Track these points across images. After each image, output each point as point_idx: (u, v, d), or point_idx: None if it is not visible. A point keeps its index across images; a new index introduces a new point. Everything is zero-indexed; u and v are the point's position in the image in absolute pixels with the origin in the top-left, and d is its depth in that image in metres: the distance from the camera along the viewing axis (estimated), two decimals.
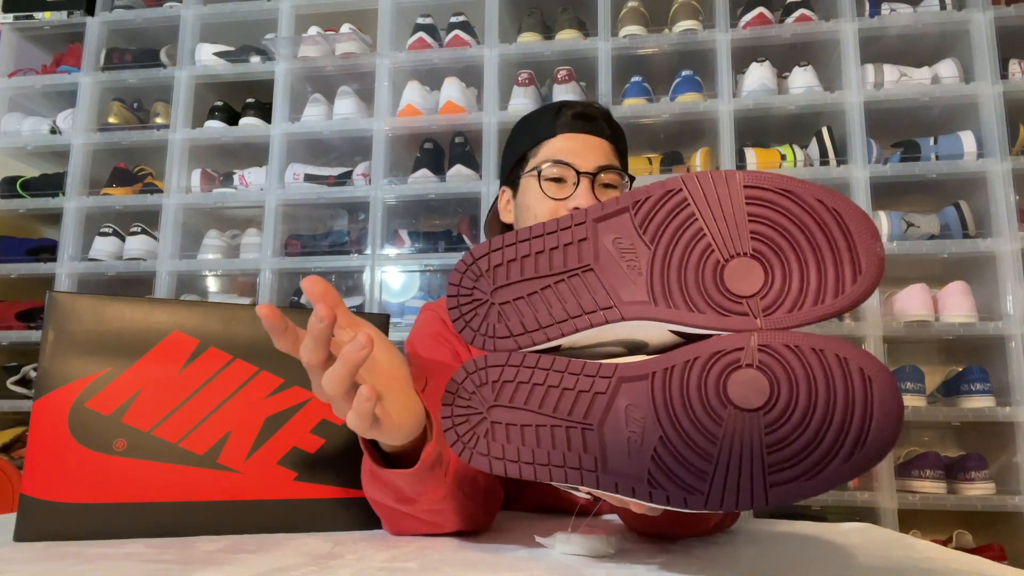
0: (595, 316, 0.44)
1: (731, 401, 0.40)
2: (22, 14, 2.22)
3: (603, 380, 0.43)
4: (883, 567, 0.53)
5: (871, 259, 0.40)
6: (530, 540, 0.59)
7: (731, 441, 0.40)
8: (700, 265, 0.42)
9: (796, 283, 0.41)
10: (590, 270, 0.44)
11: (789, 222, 0.41)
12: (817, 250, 0.41)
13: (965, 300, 1.73)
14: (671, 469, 0.41)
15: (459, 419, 0.47)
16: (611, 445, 0.42)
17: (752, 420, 0.40)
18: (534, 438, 0.44)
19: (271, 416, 0.61)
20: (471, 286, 0.47)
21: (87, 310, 0.58)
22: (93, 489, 0.55)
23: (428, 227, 2.14)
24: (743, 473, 0.39)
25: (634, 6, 1.96)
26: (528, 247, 0.46)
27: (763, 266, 0.42)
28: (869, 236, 0.40)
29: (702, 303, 0.42)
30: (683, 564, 0.50)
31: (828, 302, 0.40)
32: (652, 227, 0.43)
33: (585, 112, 0.91)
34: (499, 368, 0.46)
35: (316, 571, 0.45)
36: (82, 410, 0.56)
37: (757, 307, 0.41)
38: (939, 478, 1.69)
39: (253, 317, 0.63)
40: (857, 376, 0.39)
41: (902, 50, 1.93)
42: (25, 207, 2.12)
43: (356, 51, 2.02)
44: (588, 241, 0.45)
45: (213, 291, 2.18)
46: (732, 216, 0.42)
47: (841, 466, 0.38)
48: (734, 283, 0.42)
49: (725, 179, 0.42)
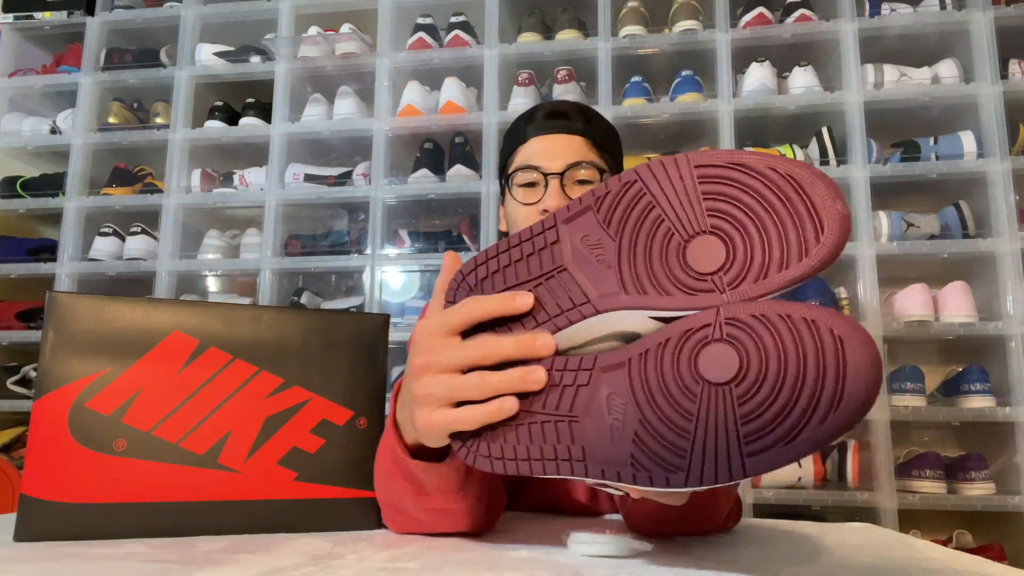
0: (572, 313, 0.45)
1: (703, 377, 0.40)
2: (22, 14, 2.22)
3: (585, 372, 0.44)
4: (883, 567, 0.53)
5: (832, 217, 0.40)
6: (530, 540, 0.59)
7: (706, 416, 0.40)
8: (663, 249, 0.43)
9: (758, 253, 0.41)
10: (564, 270, 0.46)
11: (743, 194, 0.42)
12: (775, 216, 0.41)
13: (965, 300, 1.73)
14: (652, 450, 0.41)
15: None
16: (595, 434, 0.43)
17: (725, 393, 0.40)
18: (527, 435, 0.46)
19: (271, 416, 0.61)
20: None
21: (87, 310, 0.58)
22: (93, 489, 0.56)
23: (428, 227, 2.14)
24: (719, 446, 0.39)
25: (634, 6, 1.96)
26: (508, 257, 0.48)
27: (723, 241, 0.42)
28: (828, 195, 0.40)
29: (669, 286, 0.43)
30: (683, 564, 0.50)
31: (793, 266, 0.40)
32: (615, 220, 0.45)
33: (555, 110, 0.91)
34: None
35: (316, 571, 0.45)
36: (82, 410, 0.56)
37: (722, 282, 0.42)
38: (939, 478, 1.69)
39: (253, 317, 0.63)
40: (828, 337, 0.38)
41: (902, 50, 1.94)
42: (25, 207, 2.12)
43: (356, 51, 2.02)
44: (559, 243, 0.46)
45: (213, 291, 2.18)
46: (687, 197, 0.43)
47: (817, 429, 0.38)
48: (697, 262, 0.42)
49: (676, 163, 0.43)
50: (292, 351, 0.63)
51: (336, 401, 0.63)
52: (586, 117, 0.92)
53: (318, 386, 0.63)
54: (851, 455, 1.71)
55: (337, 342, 0.64)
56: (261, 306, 0.68)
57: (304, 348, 0.63)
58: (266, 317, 0.63)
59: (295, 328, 0.63)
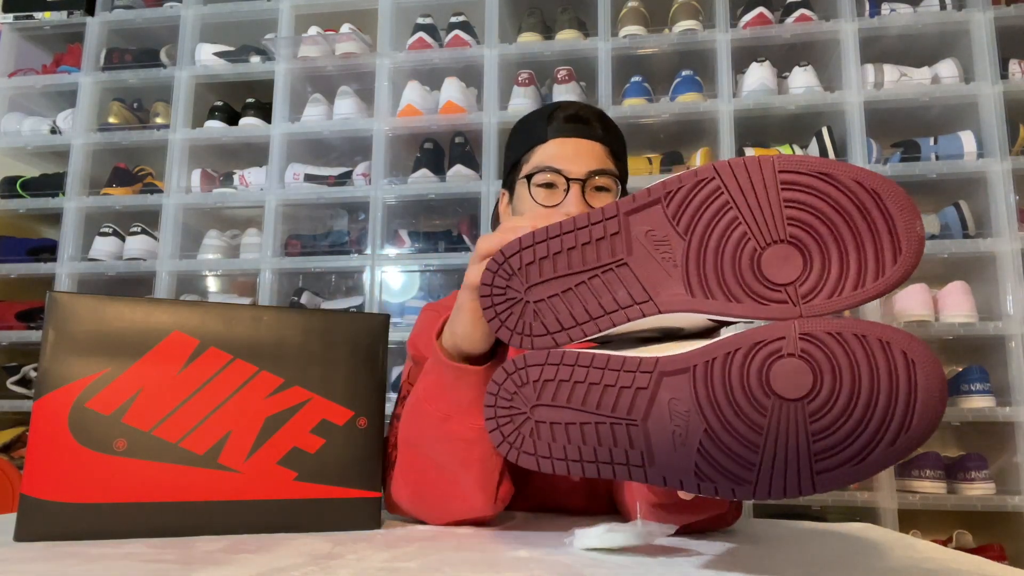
0: (632, 310, 0.44)
1: (774, 391, 0.40)
2: (22, 14, 2.22)
3: (644, 375, 0.43)
4: (883, 567, 0.53)
5: (912, 239, 0.39)
6: (530, 540, 0.59)
7: (776, 431, 0.40)
8: (737, 254, 0.42)
9: (835, 268, 0.40)
10: (624, 264, 0.44)
11: (826, 206, 0.40)
12: (856, 233, 0.40)
13: (965, 300, 1.73)
14: (717, 461, 0.41)
15: (503, 419, 0.46)
16: (656, 440, 0.42)
17: (797, 409, 0.39)
18: (579, 435, 0.44)
19: (271, 416, 0.61)
20: (504, 285, 0.47)
21: (87, 310, 0.58)
22: (93, 489, 0.55)
23: (428, 227, 2.14)
24: (790, 462, 0.39)
25: (634, 6, 1.96)
26: (559, 243, 0.45)
27: (801, 252, 0.41)
28: (909, 216, 0.39)
29: (740, 293, 0.42)
30: (683, 564, 0.50)
31: (869, 285, 0.40)
32: (685, 218, 0.43)
33: (577, 115, 0.90)
34: (539, 367, 0.46)
35: (316, 571, 0.45)
36: (82, 410, 0.56)
37: (796, 294, 0.41)
38: (939, 478, 1.68)
39: (253, 317, 0.63)
40: (900, 360, 0.38)
41: (902, 50, 1.93)
42: (25, 207, 2.12)
43: (356, 51, 2.02)
44: (620, 235, 0.44)
45: (213, 291, 2.18)
46: (767, 203, 0.41)
47: (887, 450, 0.38)
48: (772, 271, 0.41)
49: (759, 165, 0.41)
50: (292, 351, 0.63)
51: (336, 401, 0.63)
52: (605, 124, 0.92)
53: (318, 386, 0.63)
54: None
55: (337, 342, 0.64)
56: (261, 306, 0.69)
57: (304, 348, 0.63)
58: (266, 317, 0.63)
59: (295, 328, 0.63)
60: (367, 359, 0.66)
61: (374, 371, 0.66)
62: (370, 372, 0.65)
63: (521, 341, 0.47)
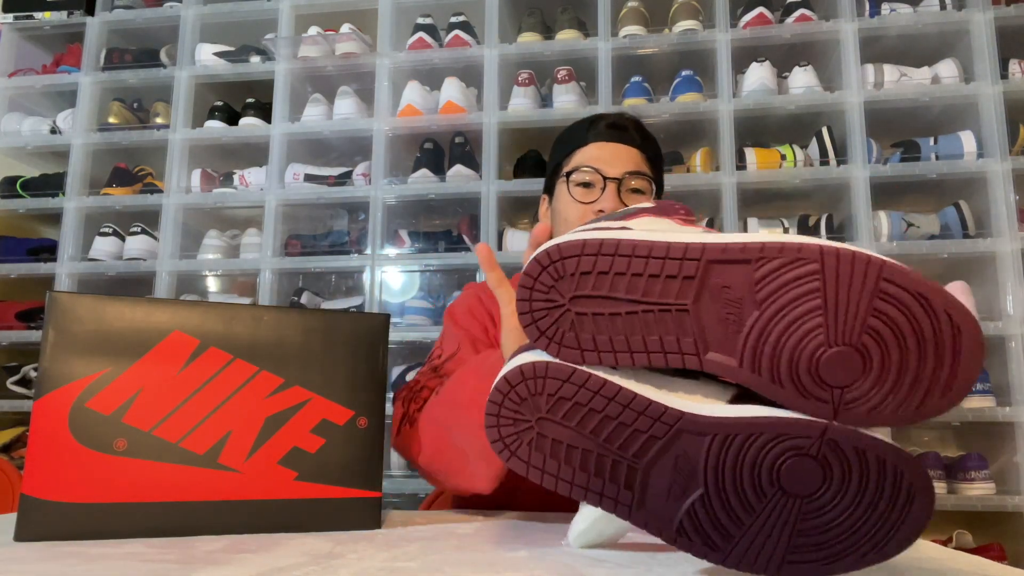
0: (674, 358, 0.42)
1: (780, 483, 0.40)
2: (22, 14, 2.22)
3: (663, 426, 0.42)
4: (883, 567, 0.53)
5: (964, 385, 0.40)
6: (530, 540, 0.59)
7: (767, 516, 0.41)
8: (803, 342, 0.40)
9: (888, 387, 0.40)
10: (686, 311, 0.42)
11: (909, 327, 0.39)
12: (923, 361, 0.40)
13: (965, 300, 1.71)
14: (701, 524, 0.41)
15: (505, 420, 0.45)
16: (652, 487, 0.42)
17: (794, 504, 0.40)
18: (579, 460, 0.44)
19: (271, 416, 0.61)
20: (549, 284, 0.44)
21: (87, 310, 0.58)
22: (93, 489, 0.56)
23: (428, 227, 2.14)
24: (767, 546, 0.41)
25: (634, 6, 1.96)
26: (626, 264, 0.42)
27: (864, 362, 0.40)
28: (975, 363, 0.39)
29: (787, 378, 0.40)
30: (683, 564, 0.50)
31: (907, 414, 0.40)
32: (769, 288, 0.40)
33: (616, 122, 0.98)
34: (559, 382, 0.44)
35: (316, 571, 0.45)
36: (82, 410, 0.56)
37: (840, 399, 0.40)
38: (939, 478, 1.68)
39: (253, 317, 0.63)
40: (904, 494, 0.40)
41: (902, 50, 1.93)
42: (25, 207, 2.12)
43: (356, 51, 2.02)
44: (694, 280, 0.42)
45: (213, 291, 2.18)
46: (857, 304, 0.40)
47: (857, 562, 0.40)
48: (827, 370, 0.40)
49: (866, 267, 0.39)
50: (292, 351, 0.63)
51: (336, 401, 0.63)
52: (642, 133, 1.00)
53: (318, 386, 0.63)
54: None
55: (337, 342, 0.65)
56: (261, 306, 0.69)
57: (304, 348, 0.63)
58: (266, 317, 0.63)
59: (295, 328, 0.63)
60: (367, 359, 0.66)
61: (374, 371, 0.66)
62: (370, 372, 0.65)
63: (548, 345, 0.45)
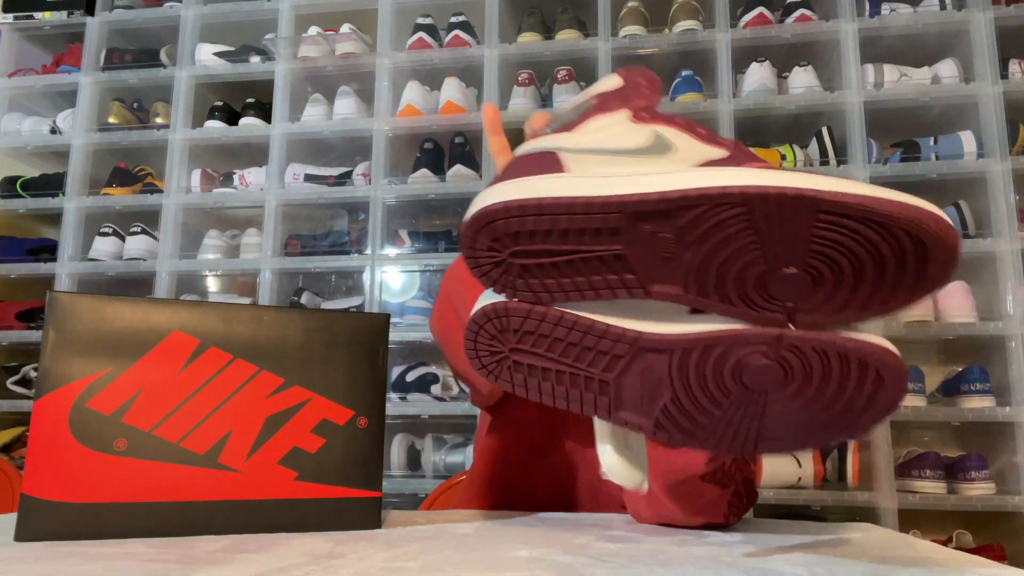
0: (621, 292, 0.44)
1: (744, 384, 0.43)
2: (22, 14, 2.22)
3: (624, 346, 0.44)
4: (883, 567, 0.53)
5: (934, 282, 0.40)
6: (530, 540, 0.59)
7: (736, 409, 0.44)
8: (745, 271, 0.41)
9: (844, 296, 0.40)
10: (621, 255, 0.43)
11: (861, 247, 0.38)
12: (881, 274, 0.39)
13: (965, 300, 1.73)
14: (676, 420, 0.45)
15: (483, 352, 0.48)
16: (626, 395, 0.46)
17: (760, 396, 0.43)
18: (554, 378, 0.47)
19: (271, 416, 0.61)
20: (487, 245, 0.46)
21: (87, 310, 0.58)
22: (93, 489, 0.56)
23: (428, 227, 2.14)
24: (739, 431, 0.45)
25: (634, 6, 1.96)
26: (551, 222, 0.43)
27: (814, 281, 0.40)
28: (945, 272, 0.39)
29: (736, 299, 0.42)
30: (683, 564, 0.50)
31: (871, 314, 0.41)
32: (697, 232, 0.41)
33: None
34: (520, 319, 0.46)
35: (316, 571, 0.45)
36: (82, 410, 0.56)
37: (792, 310, 0.41)
38: (939, 478, 1.68)
39: (253, 317, 0.63)
40: (871, 379, 0.41)
41: (902, 50, 1.93)
42: (25, 207, 2.12)
43: (356, 51, 2.02)
44: (621, 231, 0.42)
45: (213, 291, 2.18)
46: (794, 234, 0.39)
47: (828, 439, 0.45)
48: (776, 288, 0.41)
49: (796, 205, 0.38)
50: (292, 351, 0.63)
51: (336, 401, 0.63)
52: None
53: (318, 386, 0.63)
54: (851, 455, 1.71)
55: (337, 342, 0.64)
56: (261, 306, 0.69)
57: (304, 348, 0.63)
58: (266, 317, 0.63)
59: (295, 328, 0.63)
60: (367, 359, 0.66)
61: (374, 371, 0.66)
62: (370, 372, 0.65)
63: (503, 293, 0.47)
